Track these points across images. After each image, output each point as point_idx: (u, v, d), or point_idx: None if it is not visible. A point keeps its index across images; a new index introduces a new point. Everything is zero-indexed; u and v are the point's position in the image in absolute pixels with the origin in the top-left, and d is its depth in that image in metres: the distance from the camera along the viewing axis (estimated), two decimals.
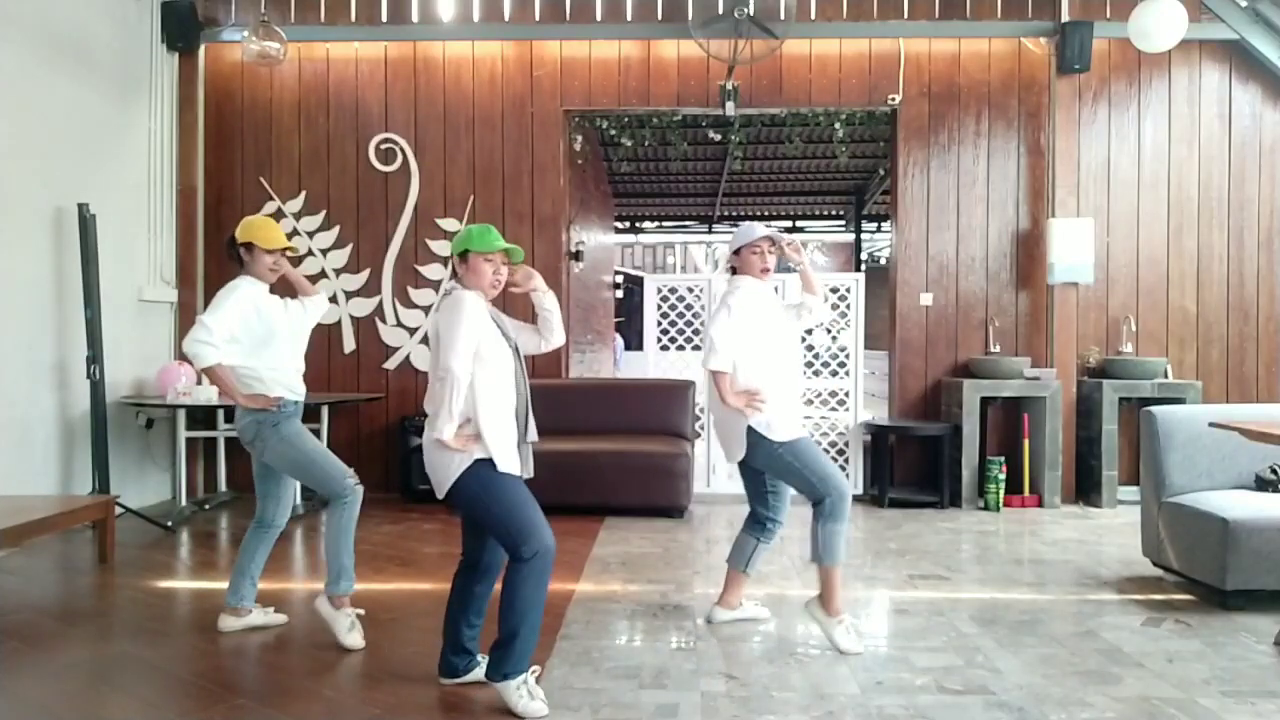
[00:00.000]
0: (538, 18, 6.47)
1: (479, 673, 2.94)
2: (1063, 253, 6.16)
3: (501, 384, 2.84)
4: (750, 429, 3.43)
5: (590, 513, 5.65)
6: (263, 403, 3.37)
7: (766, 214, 15.74)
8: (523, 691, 2.76)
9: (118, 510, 4.83)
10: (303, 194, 6.58)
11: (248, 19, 6.31)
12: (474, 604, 2.97)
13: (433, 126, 6.56)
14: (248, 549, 3.57)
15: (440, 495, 2.86)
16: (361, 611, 3.48)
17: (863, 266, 14.68)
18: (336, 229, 6.56)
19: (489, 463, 2.79)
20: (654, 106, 6.62)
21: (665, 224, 16.75)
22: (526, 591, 2.77)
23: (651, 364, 7.05)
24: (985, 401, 6.14)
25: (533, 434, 2.96)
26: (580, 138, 7.45)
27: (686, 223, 16.47)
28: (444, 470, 2.80)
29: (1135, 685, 2.99)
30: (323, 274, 6.54)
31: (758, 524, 3.64)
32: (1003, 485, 6.01)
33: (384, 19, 6.48)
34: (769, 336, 3.52)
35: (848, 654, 3.29)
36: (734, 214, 15.73)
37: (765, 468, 3.51)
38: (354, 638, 3.37)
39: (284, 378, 3.45)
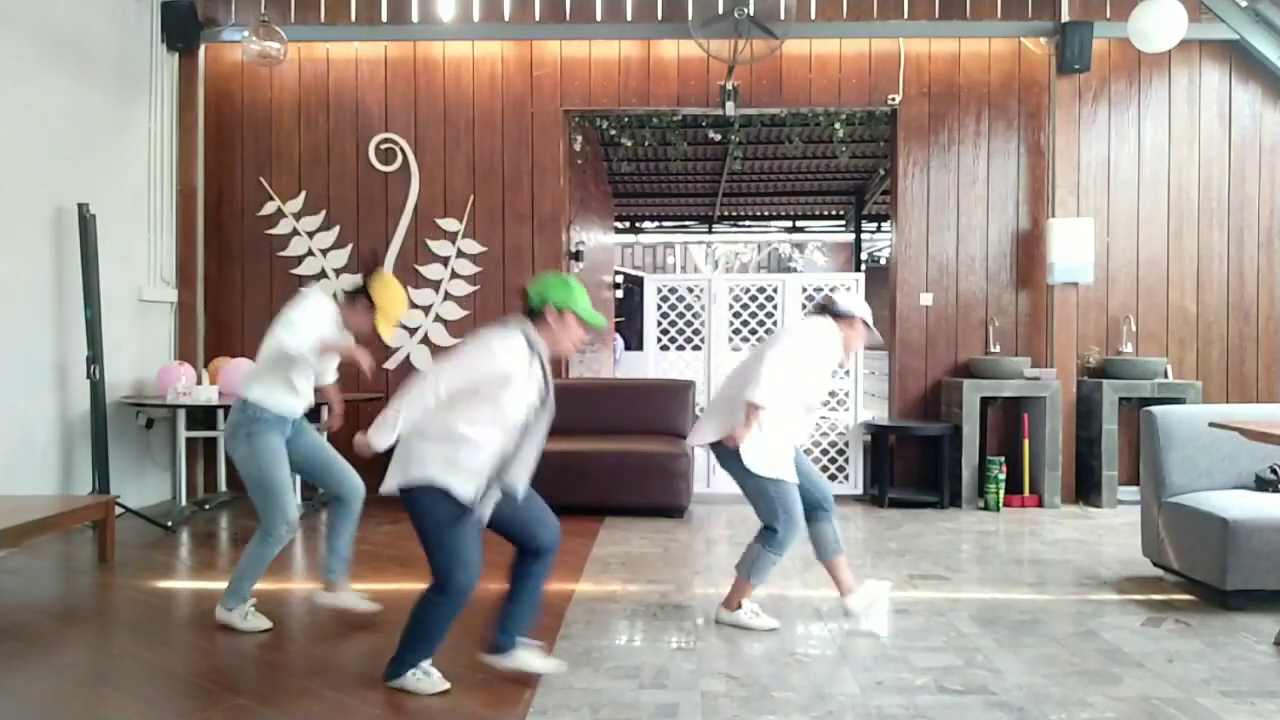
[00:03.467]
0: (538, 18, 6.47)
1: (521, 657, 2.97)
2: (1063, 253, 6.16)
3: (508, 429, 2.78)
4: (737, 451, 3.47)
5: (590, 513, 5.65)
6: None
7: (766, 214, 15.74)
8: (418, 674, 2.90)
9: (118, 510, 4.83)
10: (303, 194, 6.58)
11: (248, 19, 6.31)
12: (529, 584, 2.99)
13: (433, 126, 6.56)
14: (332, 527, 3.64)
15: (388, 488, 2.83)
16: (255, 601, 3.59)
17: (863, 266, 14.68)
18: (336, 229, 6.56)
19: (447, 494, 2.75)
20: (654, 106, 6.62)
21: (665, 224, 16.75)
22: (440, 618, 2.87)
23: (651, 364, 7.05)
24: (985, 401, 6.14)
25: (516, 484, 2.86)
26: (580, 138, 7.45)
27: (686, 223, 16.46)
28: (413, 469, 2.77)
29: (1135, 685, 2.99)
30: (323, 274, 6.54)
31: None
32: (1003, 485, 6.01)
33: (384, 19, 6.48)
34: (814, 385, 3.58)
35: (764, 630, 3.51)
36: (734, 214, 15.72)
37: (735, 478, 3.58)
38: (255, 621, 3.51)
39: (303, 390, 3.51)
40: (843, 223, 16.14)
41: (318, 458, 3.63)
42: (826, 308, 3.67)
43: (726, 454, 3.53)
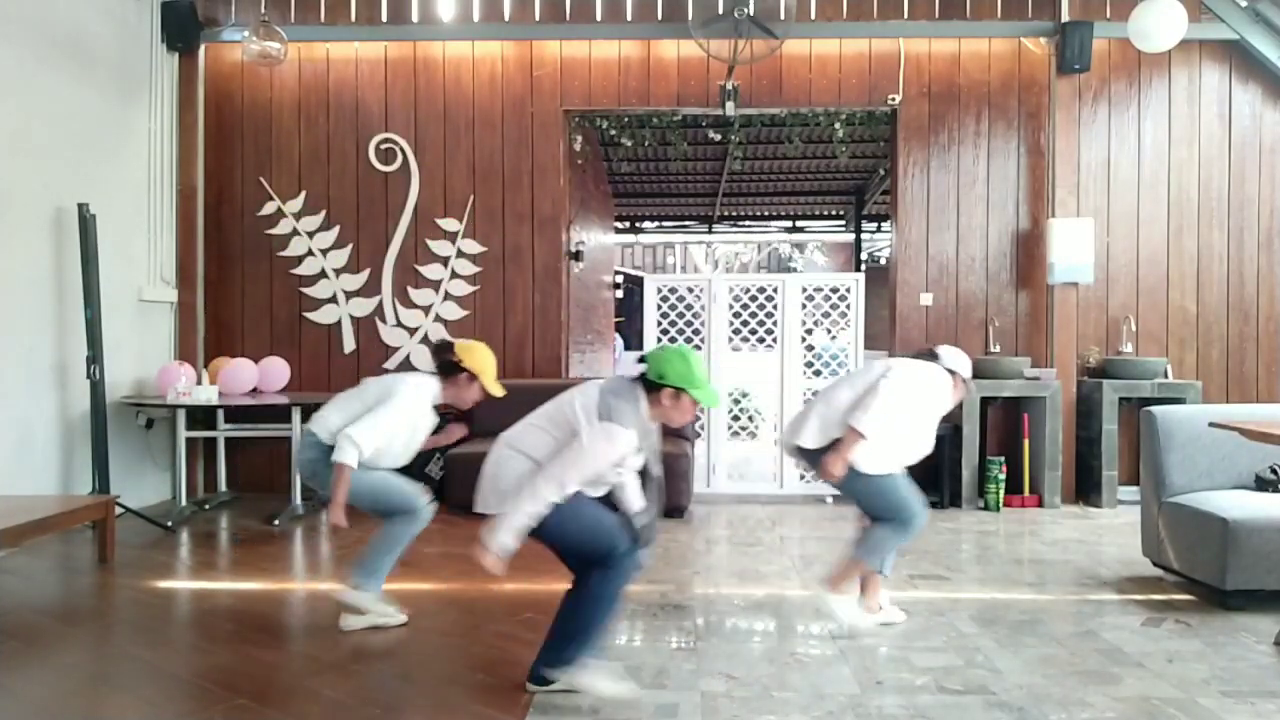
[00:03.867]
0: (538, 18, 6.47)
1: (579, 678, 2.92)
2: (1063, 253, 6.16)
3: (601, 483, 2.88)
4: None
5: None
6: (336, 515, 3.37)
7: (766, 214, 15.72)
8: (581, 669, 2.84)
9: (118, 510, 4.83)
10: (303, 194, 6.58)
11: (248, 19, 6.31)
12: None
13: (433, 126, 6.56)
14: (393, 538, 3.59)
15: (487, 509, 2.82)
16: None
17: (863, 266, 14.67)
18: (336, 229, 6.56)
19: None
20: (654, 106, 6.62)
21: (665, 224, 16.74)
22: (614, 596, 2.84)
23: None
24: (985, 401, 6.14)
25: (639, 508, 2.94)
26: (580, 138, 7.44)
27: (686, 223, 16.43)
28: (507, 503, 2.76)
29: (1135, 685, 2.99)
30: (323, 274, 6.54)
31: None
32: (1003, 485, 6.01)
33: (384, 19, 6.48)
34: (921, 433, 3.56)
35: (855, 628, 3.51)
36: (734, 214, 15.70)
37: (840, 486, 3.52)
38: (388, 613, 3.55)
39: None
40: (843, 223, 16.12)
41: (383, 481, 3.56)
42: (936, 356, 3.64)
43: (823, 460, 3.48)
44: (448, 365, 3.52)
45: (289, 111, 6.61)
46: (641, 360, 2.91)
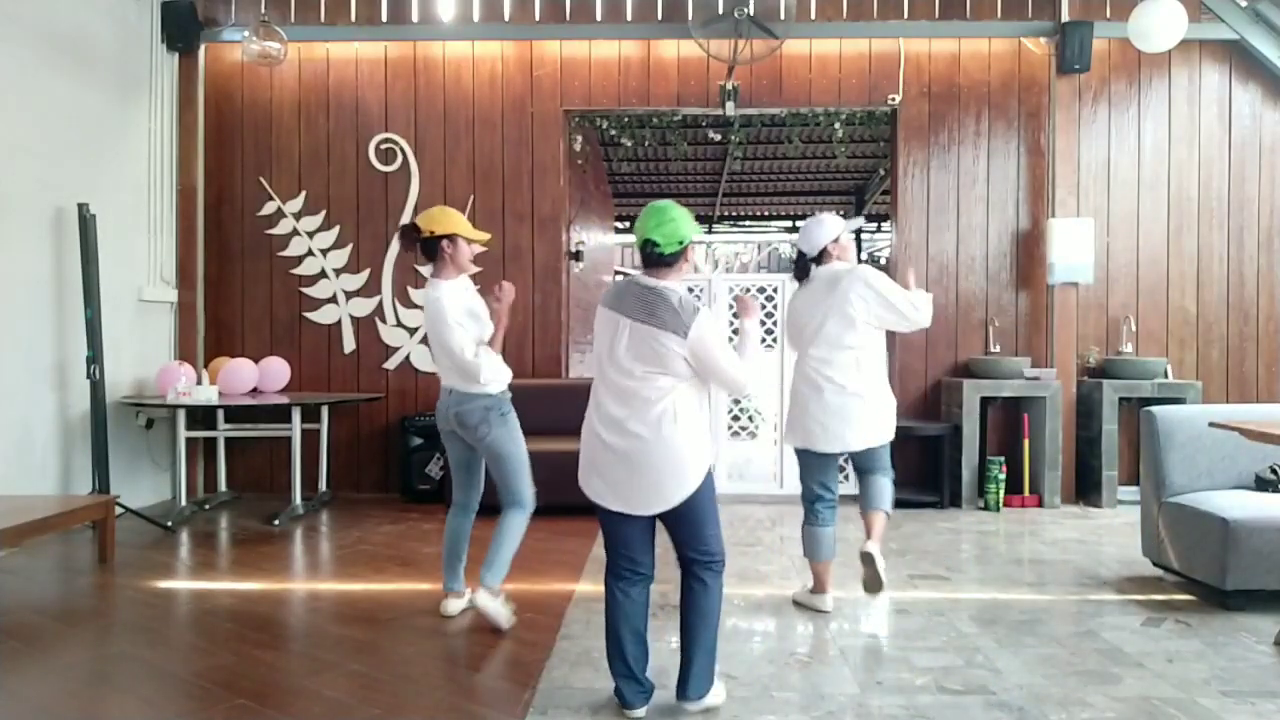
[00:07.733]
0: (538, 18, 6.47)
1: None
2: (1063, 253, 6.16)
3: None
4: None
5: (590, 513, 5.60)
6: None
7: (767, 214, 15.72)
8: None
9: (118, 510, 4.83)
10: (303, 194, 6.58)
11: (248, 19, 6.31)
12: (645, 618, 2.91)
13: (433, 126, 6.56)
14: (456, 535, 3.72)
15: (679, 499, 2.85)
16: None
17: None
18: (336, 229, 6.56)
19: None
20: (654, 106, 6.62)
21: None
22: (717, 603, 2.87)
23: None
24: (985, 401, 6.14)
25: None
26: (580, 138, 7.44)
27: None
28: (697, 469, 2.82)
29: (1135, 685, 2.99)
30: (323, 274, 6.54)
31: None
32: (1003, 485, 6.01)
33: (384, 19, 6.48)
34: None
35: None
36: (734, 214, 15.71)
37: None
38: (507, 616, 3.55)
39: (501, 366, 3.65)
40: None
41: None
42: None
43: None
44: (426, 245, 3.56)
45: (289, 111, 6.60)
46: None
